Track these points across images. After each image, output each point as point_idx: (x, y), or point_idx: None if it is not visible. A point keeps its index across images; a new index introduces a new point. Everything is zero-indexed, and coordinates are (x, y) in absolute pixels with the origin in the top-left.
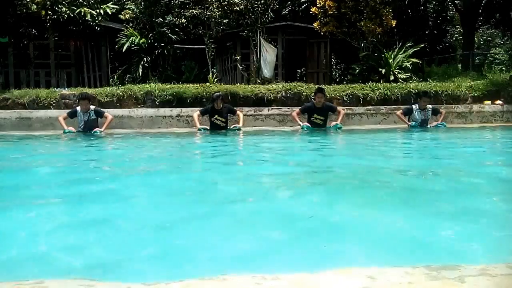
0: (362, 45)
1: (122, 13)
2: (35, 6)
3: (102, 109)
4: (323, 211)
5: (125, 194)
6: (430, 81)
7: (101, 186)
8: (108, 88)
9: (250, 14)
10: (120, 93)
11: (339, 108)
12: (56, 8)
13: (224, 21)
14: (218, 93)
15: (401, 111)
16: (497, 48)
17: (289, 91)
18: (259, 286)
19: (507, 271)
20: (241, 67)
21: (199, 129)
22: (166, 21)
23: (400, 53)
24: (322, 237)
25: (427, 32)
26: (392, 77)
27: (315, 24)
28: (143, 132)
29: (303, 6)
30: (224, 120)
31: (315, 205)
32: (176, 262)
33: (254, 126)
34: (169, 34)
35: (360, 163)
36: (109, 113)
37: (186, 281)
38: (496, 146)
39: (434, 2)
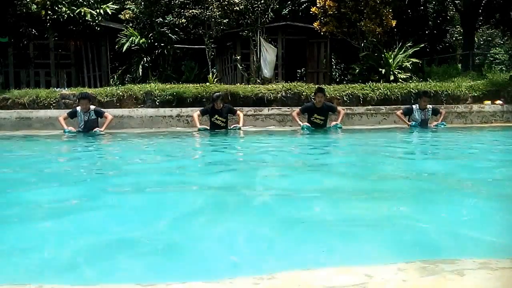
0: (362, 45)
1: (122, 13)
2: (35, 6)
3: (102, 109)
4: (321, 209)
5: (123, 194)
6: (430, 81)
7: (99, 185)
8: (108, 88)
9: (250, 14)
10: (120, 93)
11: (339, 108)
12: (56, 8)
13: (224, 21)
14: (218, 93)
15: (401, 111)
16: (497, 48)
17: (289, 91)
18: (257, 286)
19: (508, 265)
20: (241, 67)
21: (199, 129)
22: (166, 21)
23: (400, 53)
24: (319, 236)
25: (427, 32)
26: (392, 77)
27: (315, 24)
28: (143, 132)
29: (303, 6)
30: (224, 120)
31: (313, 204)
32: (172, 264)
33: (254, 126)
34: (169, 34)
35: (358, 162)
36: (109, 113)
37: (188, 283)
38: (496, 145)
39: (434, 2)
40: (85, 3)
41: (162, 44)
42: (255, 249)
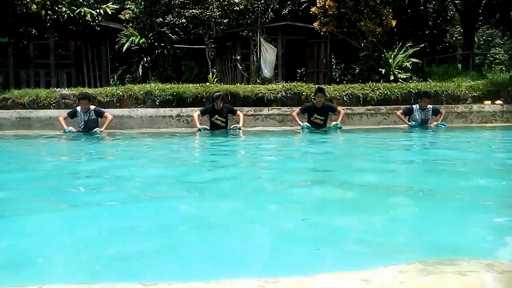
0: (362, 45)
1: (122, 13)
2: (35, 6)
3: (102, 109)
4: (318, 213)
5: (124, 194)
6: (430, 81)
7: (100, 186)
8: (108, 88)
9: (250, 14)
10: (120, 93)
11: (339, 108)
12: (56, 8)
13: (224, 21)
14: (218, 93)
15: (401, 111)
16: (497, 48)
17: (289, 91)
18: None
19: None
20: (241, 67)
21: (199, 129)
22: (166, 21)
23: (400, 53)
24: (317, 241)
25: (427, 32)
26: (392, 77)
27: (315, 24)
28: (143, 132)
29: (303, 6)
30: (224, 120)
31: (310, 208)
32: (175, 265)
33: (254, 126)
34: (169, 34)
35: (356, 164)
36: (109, 113)
37: (189, 283)
38: (495, 145)
39: (434, 2)
40: (85, 3)
41: (162, 44)
42: (257, 253)
